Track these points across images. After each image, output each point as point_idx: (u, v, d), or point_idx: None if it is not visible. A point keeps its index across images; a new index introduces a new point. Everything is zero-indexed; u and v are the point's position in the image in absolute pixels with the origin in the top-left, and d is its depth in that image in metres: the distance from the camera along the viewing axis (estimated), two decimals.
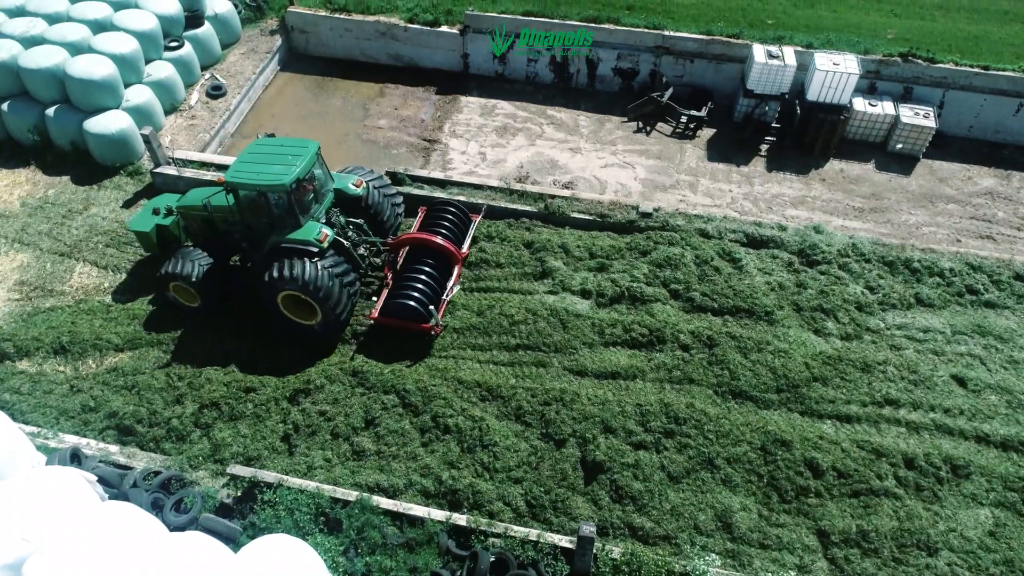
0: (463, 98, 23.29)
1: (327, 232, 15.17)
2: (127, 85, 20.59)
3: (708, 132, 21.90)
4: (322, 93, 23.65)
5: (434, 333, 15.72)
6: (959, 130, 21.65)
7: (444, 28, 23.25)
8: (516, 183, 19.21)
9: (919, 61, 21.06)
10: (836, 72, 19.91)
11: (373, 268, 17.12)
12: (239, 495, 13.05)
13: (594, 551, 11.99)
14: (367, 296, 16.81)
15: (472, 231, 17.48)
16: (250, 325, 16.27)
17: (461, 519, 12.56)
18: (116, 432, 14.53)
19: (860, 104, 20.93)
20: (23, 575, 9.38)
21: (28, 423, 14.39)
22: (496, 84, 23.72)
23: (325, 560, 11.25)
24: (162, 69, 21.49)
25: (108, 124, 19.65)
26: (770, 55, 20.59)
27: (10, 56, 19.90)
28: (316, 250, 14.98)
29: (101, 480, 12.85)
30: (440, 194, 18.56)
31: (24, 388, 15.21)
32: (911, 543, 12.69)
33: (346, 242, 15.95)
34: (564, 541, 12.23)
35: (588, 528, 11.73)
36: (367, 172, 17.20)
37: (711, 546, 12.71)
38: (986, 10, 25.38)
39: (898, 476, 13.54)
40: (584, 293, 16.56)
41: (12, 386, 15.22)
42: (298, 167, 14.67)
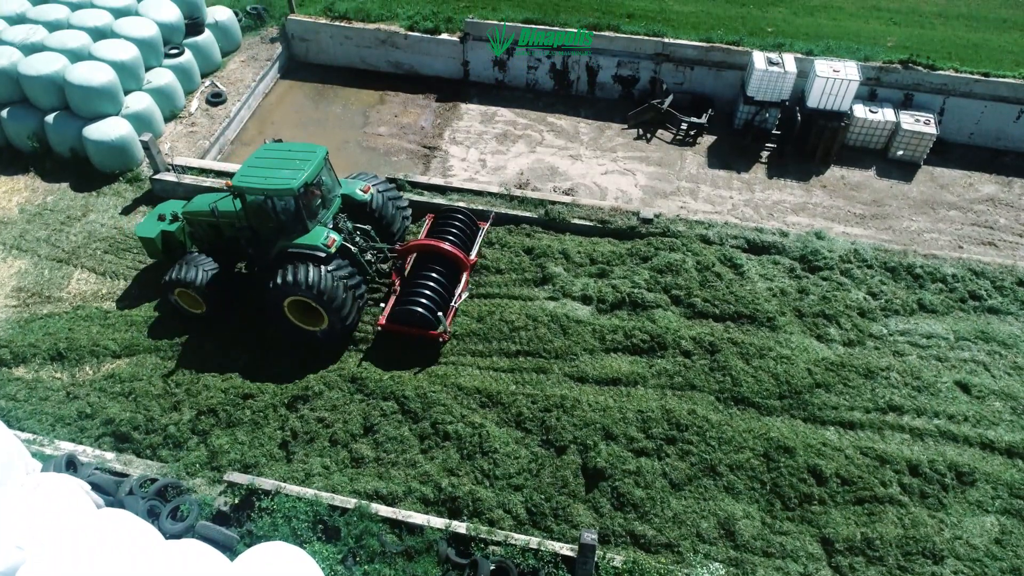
0: (463, 105, 23.28)
1: (335, 237, 15.06)
2: (127, 92, 20.58)
3: (708, 139, 21.87)
4: (322, 101, 23.66)
5: (442, 340, 15.59)
6: (960, 137, 21.61)
7: (444, 36, 23.27)
8: (516, 189, 19.16)
9: (919, 68, 21.06)
10: (836, 79, 19.89)
11: (380, 274, 16.99)
12: (236, 503, 12.91)
13: (596, 559, 11.85)
14: (375, 303, 16.66)
15: (480, 238, 17.38)
16: (249, 332, 16.17)
17: (461, 527, 12.42)
18: (112, 439, 14.41)
19: (860, 111, 20.91)
20: None
21: (24, 430, 14.27)
22: (496, 91, 23.72)
23: (323, 568, 11.11)
24: (162, 76, 21.49)
25: (107, 131, 19.63)
26: (770, 62, 20.59)
27: (10, 63, 19.90)
28: (323, 255, 14.87)
29: (96, 487, 12.74)
30: (440, 200, 18.51)
31: (20, 395, 15.11)
32: (916, 551, 12.54)
33: (353, 248, 15.83)
34: (565, 549, 12.09)
35: (590, 536, 11.59)
36: (374, 178, 17.14)
37: (714, 554, 12.56)
38: (985, 18, 25.43)
39: (902, 483, 13.40)
40: (585, 299, 16.46)
41: (8, 393, 15.12)
42: (306, 172, 14.58)
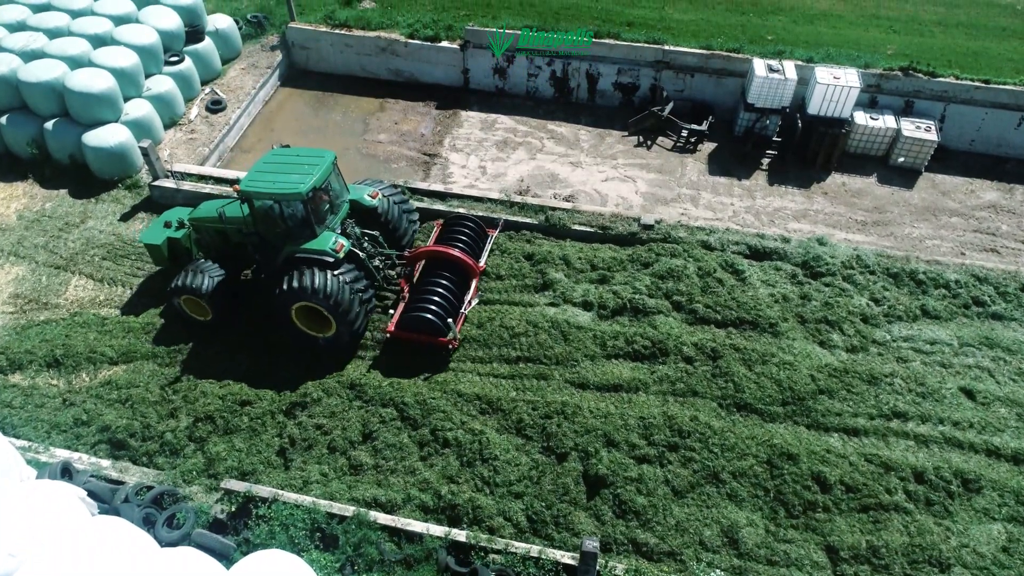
0: (463, 113, 23.26)
1: (343, 242, 14.95)
2: (127, 99, 20.56)
3: (709, 146, 21.84)
4: (322, 108, 23.64)
5: (452, 347, 15.45)
6: (961, 144, 21.58)
7: (444, 43, 23.29)
8: (517, 196, 19.09)
9: (920, 75, 21.05)
10: (837, 86, 19.88)
11: (387, 281, 16.82)
12: (233, 510, 12.77)
13: (597, 568, 11.68)
14: (382, 310, 16.51)
15: (489, 245, 17.26)
16: (248, 338, 16.05)
17: (461, 535, 12.26)
18: (108, 446, 14.26)
19: (861, 118, 20.88)
20: None
21: (19, 437, 14.14)
22: (496, 99, 23.71)
23: None
24: (162, 83, 21.48)
25: (107, 137, 19.59)
26: (771, 69, 20.58)
27: (9, 70, 19.89)
28: (332, 260, 14.75)
29: (92, 495, 12.57)
30: (440, 207, 18.44)
31: (16, 402, 14.97)
32: (923, 559, 12.36)
33: (361, 253, 15.70)
34: (566, 557, 11.93)
35: (591, 543, 11.43)
36: (382, 184, 17.03)
37: (717, 562, 12.39)
38: (984, 26, 25.46)
39: (908, 490, 13.24)
40: (586, 305, 16.35)
41: (4, 400, 14.97)
42: (315, 176, 14.49)
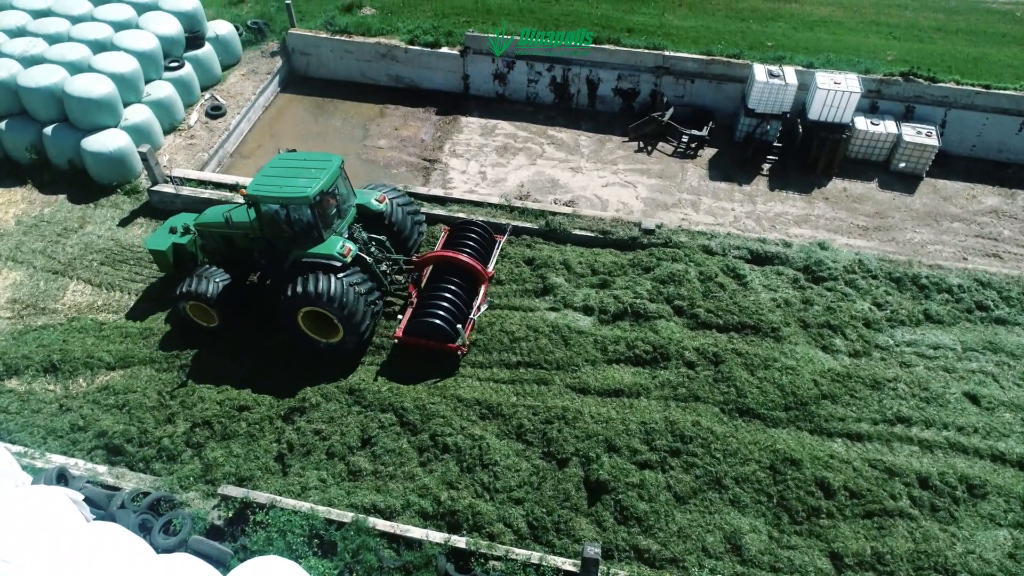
0: (463, 118, 23.24)
1: (350, 247, 14.84)
2: (126, 104, 20.53)
3: (710, 151, 21.80)
4: (322, 114, 23.62)
5: (461, 353, 15.31)
6: (962, 149, 21.53)
7: (445, 49, 23.29)
8: (517, 201, 19.03)
9: (920, 80, 21.03)
10: (837, 91, 19.85)
11: (394, 286, 16.65)
12: (230, 516, 12.63)
13: (599, 574, 11.52)
14: (390, 316, 16.38)
15: (498, 251, 17.14)
16: (247, 343, 15.94)
17: (460, 541, 12.12)
18: (105, 452, 14.13)
19: (862, 123, 20.84)
20: None
21: (15, 443, 14.01)
22: (496, 105, 23.69)
23: None
24: (162, 89, 21.46)
25: (106, 142, 19.53)
26: (771, 74, 20.56)
27: (9, 75, 19.86)
28: (339, 264, 14.63)
29: (87, 501, 12.44)
30: (440, 212, 18.37)
31: (12, 407, 14.84)
32: (928, 566, 12.21)
33: (369, 258, 15.58)
34: (568, 564, 11.79)
35: (592, 550, 11.30)
36: (389, 188, 16.93)
37: (720, 569, 12.23)
38: (984, 32, 25.47)
39: (912, 496, 13.10)
40: (586, 310, 16.25)
41: (0, 405, 14.83)
42: (322, 180, 14.39)
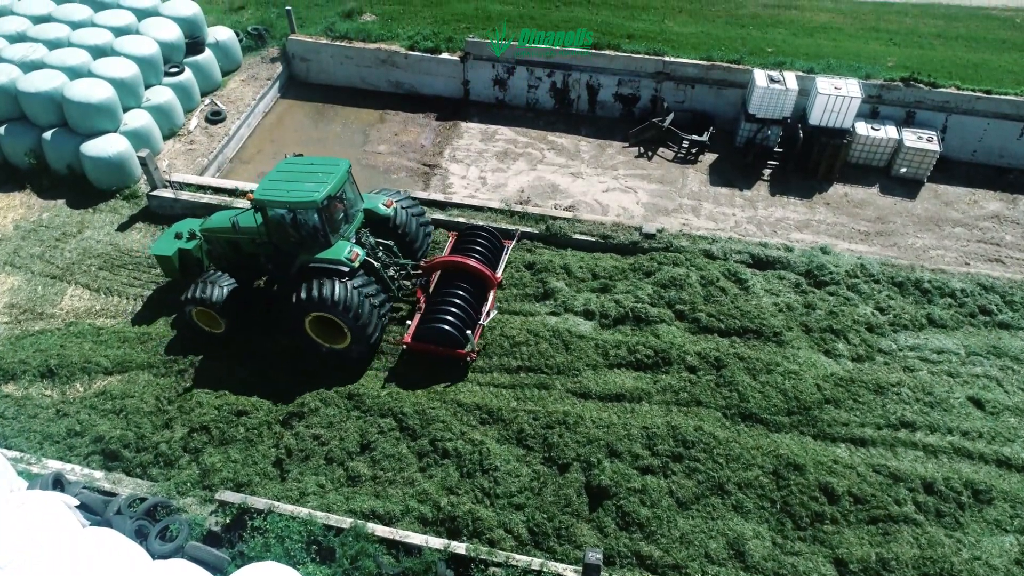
0: (463, 124, 23.21)
1: (358, 251, 14.69)
2: (126, 109, 20.50)
3: (710, 157, 21.76)
4: (322, 120, 23.60)
5: (470, 359, 15.18)
6: (963, 154, 21.49)
7: (445, 55, 23.29)
8: (517, 205, 18.97)
9: (921, 85, 21.02)
10: (838, 96, 19.82)
11: (402, 291, 16.47)
12: (228, 522, 12.49)
13: None
14: (399, 321, 16.25)
15: (506, 256, 17.01)
16: (245, 347, 15.84)
17: (460, 547, 11.99)
18: (102, 457, 14.00)
19: (863, 128, 20.81)
20: None
21: (11, 448, 13.90)
22: (497, 110, 23.67)
23: None
24: (161, 94, 21.45)
25: (105, 147, 19.49)
26: (771, 79, 20.54)
27: (8, 80, 19.84)
28: (347, 270, 14.47)
29: (83, 506, 12.32)
30: (440, 216, 18.31)
31: (8, 412, 14.74)
32: (934, 572, 12.04)
33: (376, 263, 15.46)
34: (569, 570, 11.65)
35: (594, 556, 11.15)
36: (396, 193, 16.82)
37: (723, 575, 12.11)
38: (984, 39, 25.48)
39: (917, 501, 12.97)
40: (587, 314, 16.16)
41: None
42: (329, 184, 14.27)
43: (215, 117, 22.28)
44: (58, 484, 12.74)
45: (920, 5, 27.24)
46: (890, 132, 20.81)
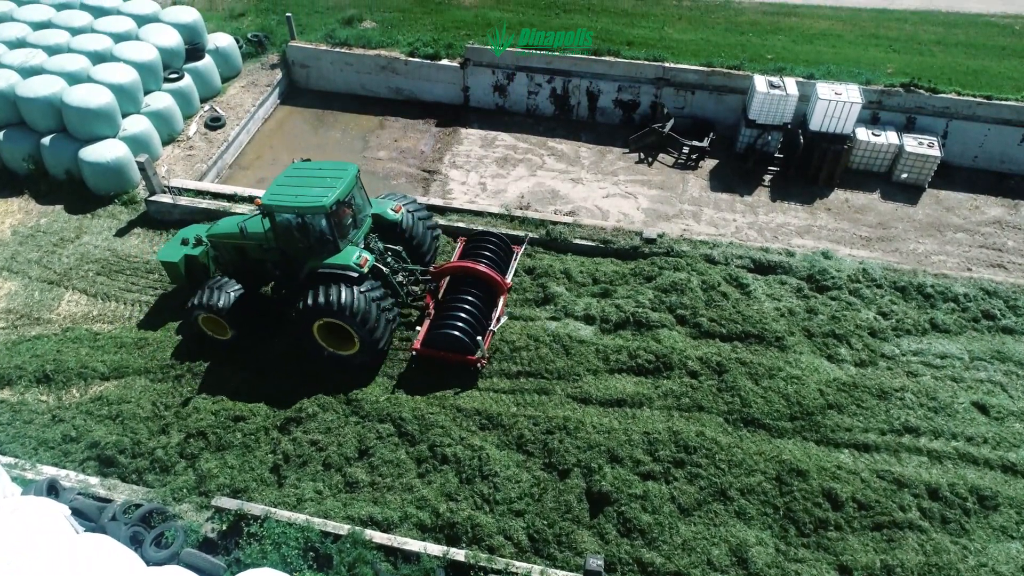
0: (463, 130, 23.18)
1: (367, 257, 14.54)
2: (125, 115, 20.48)
3: (711, 163, 21.71)
4: (322, 126, 23.57)
5: (480, 366, 15.03)
6: (964, 160, 21.44)
7: (445, 62, 23.29)
8: (517, 210, 18.89)
9: (921, 91, 20.99)
10: (838, 101, 19.79)
11: (410, 297, 16.33)
12: (224, 529, 12.37)
13: None
14: (408, 327, 16.10)
15: (516, 262, 16.88)
16: (242, 353, 15.72)
17: (459, 554, 11.88)
18: (97, 463, 13.88)
19: (863, 134, 20.77)
20: None
21: (5, 454, 13.79)
22: (497, 116, 23.66)
23: None
24: (161, 100, 21.42)
25: (104, 153, 19.46)
26: (772, 85, 20.52)
27: (7, 85, 19.83)
28: (356, 275, 14.31)
29: (77, 513, 12.18)
30: (439, 220, 18.23)
31: (3, 418, 14.63)
32: None
33: (385, 269, 15.34)
34: None
35: (595, 562, 11.03)
36: (403, 198, 16.72)
37: None
38: (984, 46, 25.49)
39: (922, 508, 12.82)
40: (588, 319, 16.05)
41: None
42: (338, 189, 14.14)
43: (214, 123, 22.25)
44: (52, 490, 12.61)
45: (919, 12, 27.27)
46: (891, 138, 20.77)
